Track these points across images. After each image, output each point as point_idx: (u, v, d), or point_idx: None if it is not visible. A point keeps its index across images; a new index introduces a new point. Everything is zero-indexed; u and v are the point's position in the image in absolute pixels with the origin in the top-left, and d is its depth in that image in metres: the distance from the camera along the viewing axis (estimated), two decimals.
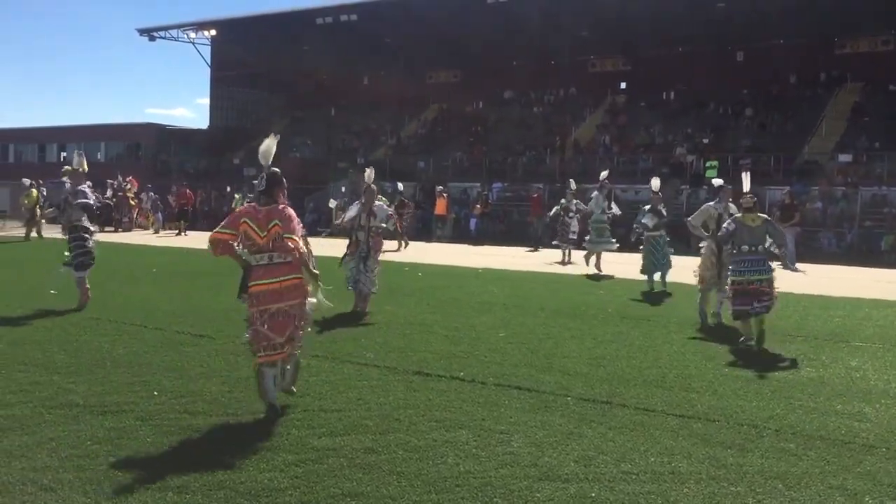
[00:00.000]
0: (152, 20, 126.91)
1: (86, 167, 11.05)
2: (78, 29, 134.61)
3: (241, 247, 5.94)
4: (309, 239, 6.17)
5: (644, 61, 38.35)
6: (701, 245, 10.68)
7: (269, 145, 6.11)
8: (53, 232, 27.13)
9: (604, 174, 17.26)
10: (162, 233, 30.49)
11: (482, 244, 26.62)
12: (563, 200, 19.61)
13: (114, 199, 31.09)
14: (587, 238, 17.09)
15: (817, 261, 20.91)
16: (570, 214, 19.20)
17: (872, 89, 32.69)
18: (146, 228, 31.22)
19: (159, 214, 32.41)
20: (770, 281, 8.75)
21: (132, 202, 32.32)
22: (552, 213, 20.19)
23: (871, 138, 29.69)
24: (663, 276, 13.77)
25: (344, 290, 10.55)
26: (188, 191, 31.72)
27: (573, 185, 19.64)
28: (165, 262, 17.66)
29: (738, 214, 9.23)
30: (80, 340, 8.21)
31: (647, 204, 14.22)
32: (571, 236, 19.32)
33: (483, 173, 34.45)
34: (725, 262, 9.61)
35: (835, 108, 32.61)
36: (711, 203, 10.93)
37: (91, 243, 10.77)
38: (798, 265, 14.14)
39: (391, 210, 12.34)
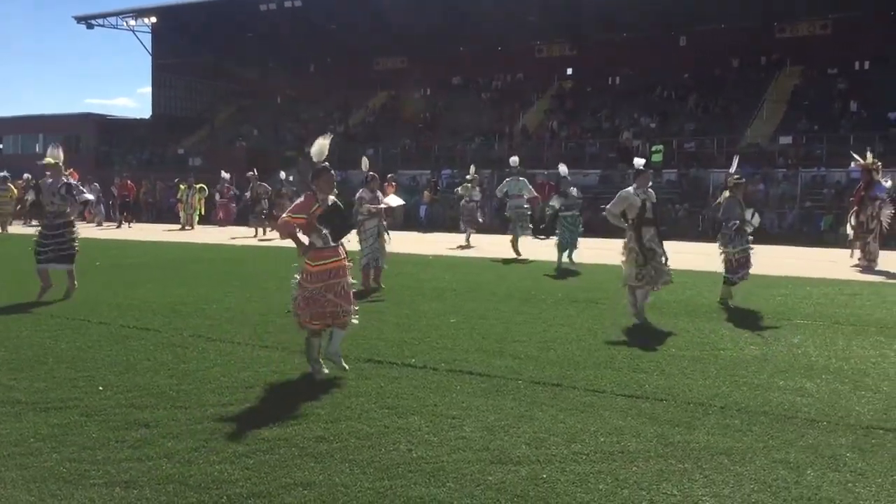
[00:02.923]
0: (89, 7, 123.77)
1: (61, 158, 10.90)
2: (11, 16, 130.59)
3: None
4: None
5: (590, 47, 38.70)
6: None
7: (323, 144, 6.68)
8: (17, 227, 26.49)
9: (514, 160, 18.14)
10: (105, 225, 29.86)
11: (432, 231, 26.63)
12: (466, 185, 21.51)
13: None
14: (512, 225, 17.46)
15: (760, 241, 21.38)
16: (473, 199, 21.24)
17: (811, 73, 33.51)
18: (90, 221, 30.53)
19: (101, 206, 31.71)
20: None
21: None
22: (457, 197, 21.91)
23: (811, 121, 30.43)
24: (570, 254, 15.14)
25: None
26: (129, 182, 31.10)
27: (473, 172, 21.35)
28: (109, 254, 17.29)
29: (727, 193, 10.83)
30: (21, 336, 7.99)
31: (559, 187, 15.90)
32: (480, 220, 21.49)
33: (432, 160, 34.43)
34: (649, 255, 9.08)
35: (775, 92, 33.35)
36: (630, 189, 9.28)
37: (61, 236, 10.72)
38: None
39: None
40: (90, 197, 10.79)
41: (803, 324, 9.21)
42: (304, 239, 6.57)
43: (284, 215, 6.53)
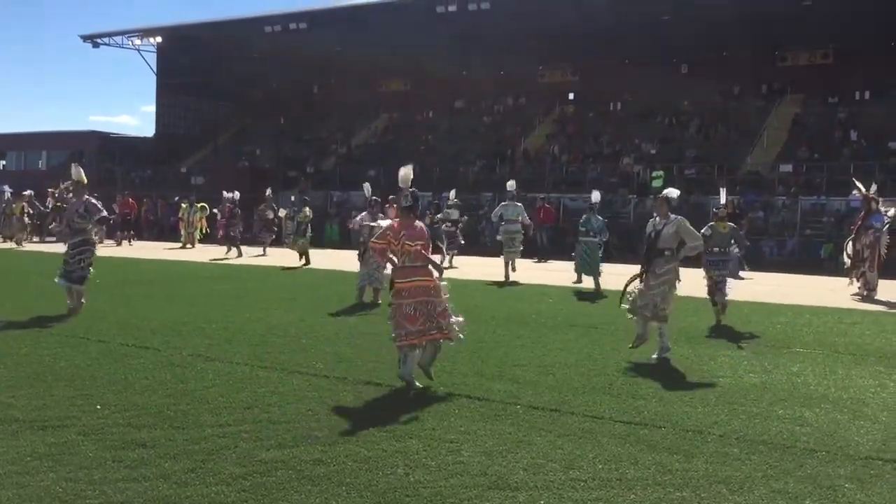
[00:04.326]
0: (96, 26, 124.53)
1: (84, 179, 11.19)
2: (19, 35, 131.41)
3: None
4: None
5: (592, 72, 38.83)
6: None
7: (408, 171, 7.36)
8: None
9: (510, 184, 18.32)
10: (106, 242, 29.87)
11: (434, 254, 26.61)
12: (446, 211, 22.00)
13: (55, 208, 30.46)
14: (505, 249, 17.51)
15: (759, 269, 21.40)
16: (450, 224, 21.69)
17: (812, 102, 33.65)
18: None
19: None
20: (726, 275, 11.46)
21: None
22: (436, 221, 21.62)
23: (811, 149, 30.53)
24: (595, 280, 15.34)
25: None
26: (131, 200, 31.16)
27: (453, 196, 21.51)
28: (110, 272, 17.28)
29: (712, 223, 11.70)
30: (20, 354, 7.99)
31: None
32: (462, 242, 22.03)
33: (433, 182, 34.51)
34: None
35: (776, 120, 33.46)
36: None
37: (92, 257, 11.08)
38: (742, 273, 15.72)
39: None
40: (105, 214, 11.07)
41: (803, 352, 9.20)
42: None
43: (372, 240, 7.36)
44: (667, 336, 8.62)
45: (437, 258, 8.23)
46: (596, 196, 16.50)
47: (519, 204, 17.94)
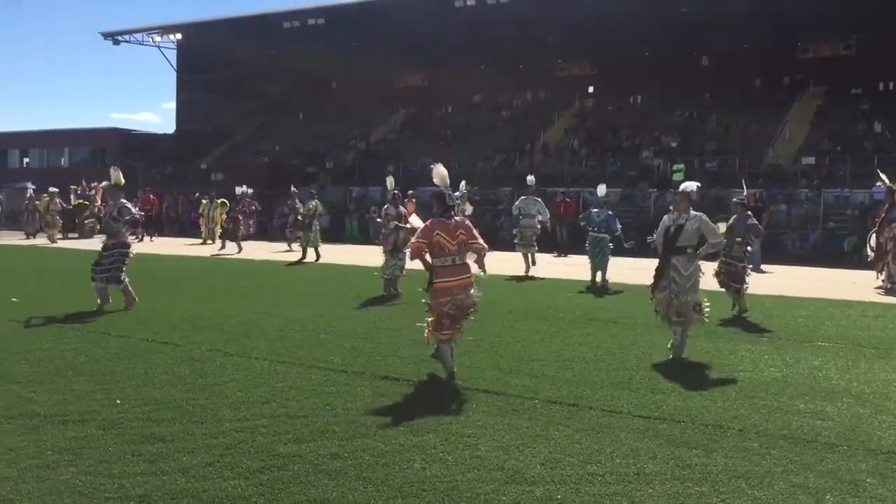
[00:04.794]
0: (116, 24, 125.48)
1: (122, 181, 11.51)
2: (40, 33, 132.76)
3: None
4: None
5: (612, 66, 38.62)
6: None
7: (442, 170, 7.57)
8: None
9: (530, 179, 18.21)
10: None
11: None
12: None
13: (77, 205, 30.82)
14: (516, 241, 17.42)
15: (782, 262, 21.23)
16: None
17: (835, 93, 33.26)
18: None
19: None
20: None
21: (95, 208, 31.97)
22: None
23: (834, 141, 30.21)
24: (602, 276, 14.88)
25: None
26: (152, 196, 31.39)
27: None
28: (131, 268, 17.40)
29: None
30: (42, 349, 8.07)
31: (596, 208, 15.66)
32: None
33: (452, 178, 34.46)
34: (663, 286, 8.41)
35: (798, 112, 33.13)
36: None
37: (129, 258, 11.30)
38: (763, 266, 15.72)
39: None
40: (135, 216, 11.29)
41: (825, 346, 9.10)
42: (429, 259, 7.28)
43: (413, 239, 7.36)
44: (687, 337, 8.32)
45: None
46: (601, 190, 16.07)
47: (538, 199, 17.77)
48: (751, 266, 12.07)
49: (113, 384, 6.65)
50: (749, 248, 12.09)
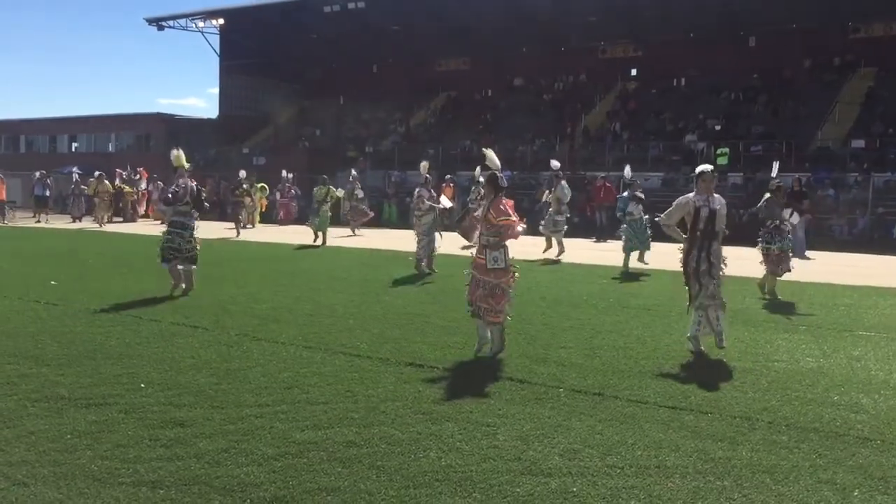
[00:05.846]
0: (160, 9, 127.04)
1: (183, 162, 11.72)
2: (87, 19, 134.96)
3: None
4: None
5: (655, 47, 37.97)
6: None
7: (493, 155, 7.80)
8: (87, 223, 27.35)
9: (554, 164, 18.24)
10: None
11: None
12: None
13: (120, 189, 31.42)
14: (542, 224, 17.48)
15: (829, 248, 20.73)
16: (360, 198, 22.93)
17: (887, 74, 32.26)
18: (156, 218, 31.27)
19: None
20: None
21: (141, 193, 32.55)
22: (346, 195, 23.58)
23: (886, 124, 29.34)
24: (641, 257, 15.07)
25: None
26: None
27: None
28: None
29: (767, 195, 12.01)
30: (74, 332, 8.18)
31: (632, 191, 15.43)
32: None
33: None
34: (700, 275, 7.86)
35: (848, 94, 32.24)
36: (690, 195, 8.06)
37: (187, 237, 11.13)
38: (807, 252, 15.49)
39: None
40: (169, 195, 11.31)
41: (866, 335, 8.83)
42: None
43: (511, 218, 7.40)
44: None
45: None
46: (627, 172, 16.30)
47: (563, 182, 17.59)
48: (790, 251, 11.85)
49: (139, 368, 6.70)
50: (783, 231, 11.95)
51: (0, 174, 30.95)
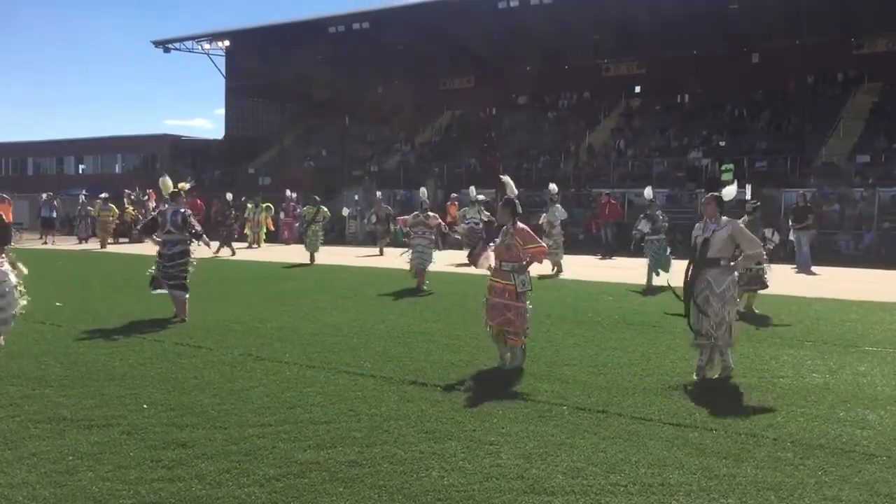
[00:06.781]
0: (166, 32, 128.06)
1: (171, 188, 11.28)
2: (93, 42, 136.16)
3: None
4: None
5: (658, 64, 38.08)
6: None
7: (510, 181, 8.29)
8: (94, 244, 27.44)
9: (552, 187, 18.47)
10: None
11: None
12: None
13: (132, 211, 31.57)
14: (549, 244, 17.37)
15: (835, 263, 20.66)
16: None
17: (891, 89, 32.29)
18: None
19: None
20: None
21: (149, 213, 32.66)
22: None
23: (890, 138, 29.32)
24: (661, 273, 14.79)
25: None
26: (199, 201, 31.86)
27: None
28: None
29: (746, 218, 11.33)
30: (77, 353, 8.18)
31: (646, 210, 15.75)
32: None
33: (496, 180, 34.33)
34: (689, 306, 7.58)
35: (852, 109, 32.26)
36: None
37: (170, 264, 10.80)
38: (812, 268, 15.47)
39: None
40: (199, 229, 11.04)
41: (872, 351, 8.78)
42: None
43: (541, 245, 7.89)
44: (729, 355, 7.48)
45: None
46: (648, 192, 16.43)
47: (558, 205, 17.96)
48: (769, 268, 11.75)
49: (142, 388, 6.69)
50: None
51: (8, 196, 31.11)
